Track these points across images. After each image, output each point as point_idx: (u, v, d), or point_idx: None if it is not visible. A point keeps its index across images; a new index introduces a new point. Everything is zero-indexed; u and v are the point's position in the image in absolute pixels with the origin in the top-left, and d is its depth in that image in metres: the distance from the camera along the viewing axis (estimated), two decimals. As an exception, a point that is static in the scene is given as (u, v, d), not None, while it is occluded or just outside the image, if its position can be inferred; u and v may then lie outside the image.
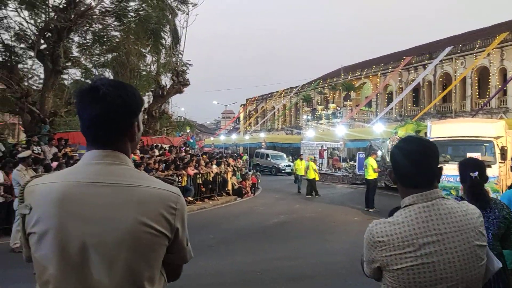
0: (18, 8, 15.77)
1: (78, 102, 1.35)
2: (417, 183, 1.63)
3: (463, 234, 1.57)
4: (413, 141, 1.71)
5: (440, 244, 1.54)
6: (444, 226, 1.56)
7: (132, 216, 1.27)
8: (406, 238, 1.55)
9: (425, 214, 1.58)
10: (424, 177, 1.64)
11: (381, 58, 48.32)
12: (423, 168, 1.64)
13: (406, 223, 1.58)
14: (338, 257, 7.81)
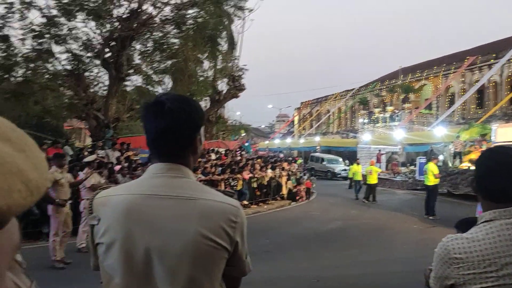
0: (85, 20, 16.69)
1: (143, 116, 1.40)
2: (501, 197, 1.53)
3: None
4: (502, 152, 1.60)
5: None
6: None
7: (193, 229, 1.30)
8: (488, 256, 1.46)
9: (509, 232, 1.48)
10: (509, 191, 1.53)
11: (442, 58, 46.33)
12: (509, 182, 1.54)
13: (487, 240, 1.48)
14: (398, 266, 7.56)
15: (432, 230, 11.07)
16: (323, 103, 59.20)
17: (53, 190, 7.42)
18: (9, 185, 0.35)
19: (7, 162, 0.36)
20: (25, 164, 0.38)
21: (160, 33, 18.57)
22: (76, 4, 16.14)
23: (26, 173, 0.37)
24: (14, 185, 0.35)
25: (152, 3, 17.26)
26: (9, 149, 0.37)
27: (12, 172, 0.35)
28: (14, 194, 0.35)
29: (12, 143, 0.38)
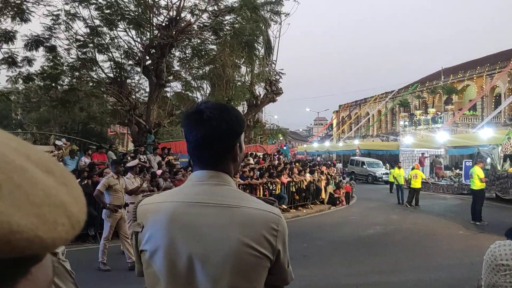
0: (126, 28, 17.23)
1: (184, 125, 1.42)
2: None
3: None
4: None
5: None
6: None
7: (235, 237, 1.30)
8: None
9: None
10: None
11: (486, 58, 44.61)
12: None
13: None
14: (442, 274, 7.32)
15: (479, 237, 10.65)
16: (362, 106, 58.26)
17: (108, 195, 7.68)
18: (54, 218, 0.35)
19: (52, 194, 0.36)
20: (68, 197, 0.38)
21: (198, 39, 18.90)
22: (118, 14, 16.70)
23: (69, 206, 0.38)
24: (59, 218, 0.36)
25: (190, 10, 17.62)
26: (52, 181, 0.38)
27: (56, 205, 0.36)
28: (58, 228, 0.35)
29: (55, 176, 0.39)
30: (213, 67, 20.74)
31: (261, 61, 21.72)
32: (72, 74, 18.82)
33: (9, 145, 0.37)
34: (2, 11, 15.80)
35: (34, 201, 0.35)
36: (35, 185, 0.36)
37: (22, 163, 0.36)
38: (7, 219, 0.32)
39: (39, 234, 0.34)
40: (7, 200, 0.33)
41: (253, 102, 22.52)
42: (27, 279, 0.38)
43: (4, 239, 0.31)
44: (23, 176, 0.35)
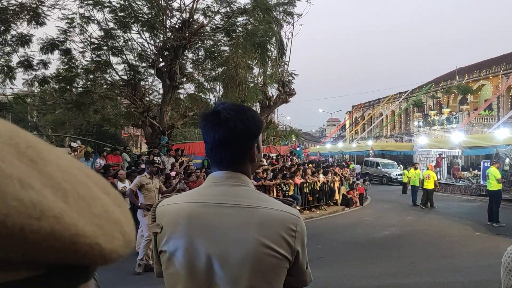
0: (140, 31, 17.35)
1: (202, 126, 1.42)
2: None
3: None
4: None
5: None
6: None
7: (253, 238, 1.30)
8: None
9: None
10: None
11: (502, 57, 43.95)
12: None
13: None
14: (459, 276, 7.21)
15: (496, 238, 10.48)
16: (376, 106, 57.88)
17: (140, 195, 7.84)
18: (112, 231, 0.37)
19: (110, 211, 0.39)
20: (122, 217, 0.40)
21: (211, 41, 18.96)
22: (131, 16, 16.84)
23: (123, 225, 0.40)
24: (116, 233, 0.38)
25: (203, 12, 17.68)
26: (109, 201, 0.40)
27: (113, 221, 0.38)
28: (115, 241, 0.37)
29: (111, 197, 0.41)
30: (225, 69, 20.78)
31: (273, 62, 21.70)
32: (86, 77, 19.02)
33: (73, 163, 0.40)
34: (18, 15, 16.05)
35: (95, 213, 0.37)
36: (96, 199, 0.38)
37: (84, 179, 0.39)
38: (74, 222, 0.34)
39: (99, 242, 0.35)
40: (74, 207, 0.35)
41: (266, 103, 22.48)
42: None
43: (70, 240, 0.33)
44: (86, 190, 0.38)
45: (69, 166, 0.39)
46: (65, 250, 0.33)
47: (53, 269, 0.34)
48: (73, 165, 0.40)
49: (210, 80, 21.43)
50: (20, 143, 0.35)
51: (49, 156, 0.37)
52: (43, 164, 0.35)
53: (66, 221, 0.33)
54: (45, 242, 0.31)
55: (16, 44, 16.95)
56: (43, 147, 0.38)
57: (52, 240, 0.32)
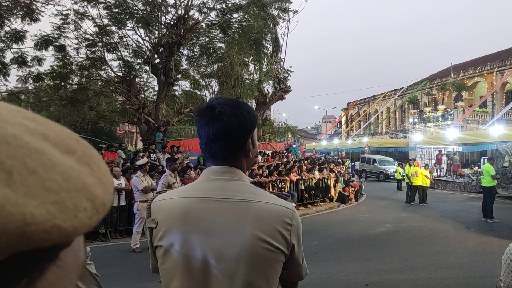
0: (135, 27, 17.27)
1: (197, 121, 1.42)
2: None
3: None
4: None
5: None
6: None
7: (249, 232, 1.30)
8: None
9: None
10: None
11: (497, 54, 44.12)
12: None
13: None
14: (453, 271, 7.25)
15: (490, 234, 10.55)
16: (371, 103, 58.00)
17: None
18: (74, 203, 0.33)
19: (72, 177, 0.34)
20: (90, 179, 0.36)
21: (206, 38, 18.90)
22: (126, 12, 16.75)
23: (91, 189, 0.35)
24: (80, 203, 0.34)
25: (198, 9, 17.61)
26: (73, 162, 0.36)
27: (77, 189, 0.34)
28: (80, 214, 0.33)
29: (76, 156, 0.36)
30: (221, 65, 20.75)
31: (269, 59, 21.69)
32: (81, 73, 18.91)
33: (25, 126, 0.35)
34: (12, 11, 15.92)
35: (50, 187, 0.32)
36: (52, 168, 0.33)
37: (37, 145, 0.34)
38: (20, 210, 0.30)
39: (57, 223, 0.32)
40: (20, 188, 0.31)
41: (261, 100, 22.48)
42: (56, 265, 0.36)
43: (18, 232, 0.30)
44: (38, 160, 0.33)
45: (18, 132, 0.34)
46: (15, 243, 0.30)
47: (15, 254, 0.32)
48: (24, 128, 0.35)
49: (205, 76, 21.37)
50: None
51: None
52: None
53: (9, 211, 0.29)
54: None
55: (9, 41, 16.81)
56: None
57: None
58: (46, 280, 0.35)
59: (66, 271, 0.38)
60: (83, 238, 0.42)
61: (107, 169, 0.40)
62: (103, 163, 0.39)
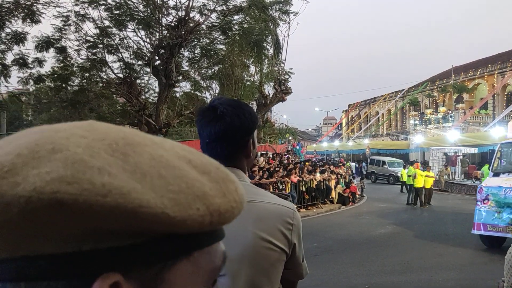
0: (135, 29, 17.28)
1: (198, 121, 1.43)
2: None
3: None
4: None
5: None
6: None
7: (251, 231, 1.30)
8: None
9: None
10: None
11: (497, 56, 44.14)
12: None
13: None
14: (454, 273, 7.24)
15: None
16: (372, 105, 58.01)
17: None
18: (188, 202, 0.41)
19: (194, 186, 0.42)
20: (213, 191, 0.43)
21: (207, 39, 18.90)
22: (127, 14, 16.77)
23: (210, 197, 0.43)
24: (194, 203, 0.41)
25: (198, 10, 17.61)
26: (204, 179, 0.44)
27: (196, 194, 0.42)
28: (191, 211, 0.41)
29: (210, 176, 0.45)
30: (222, 67, 20.72)
31: (270, 61, 21.69)
32: (82, 75, 18.91)
33: (177, 152, 0.45)
34: (13, 12, 15.94)
35: (172, 189, 0.41)
36: (179, 178, 0.42)
37: (177, 164, 0.43)
38: (140, 196, 0.38)
39: (167, 212, 0.39)
40: (147, 185, 0.40)
41: (262, 102, 22.44)
42: (189, 260, 0.43)
43: (133, 211, 0.38)
44: (170, 171, 0.42)
45: (166, 154, 0.44)
46: (131, 219, 0.38)
47: (152, 238, 0.41)
48: (175, 153, 0.45)
49: (206, 78, 21.35)
50: (119, 143, 0.42)
51: (144, 149, 0.43)
52: (133, 156, 0.41)
53: (132, 196, 0.38)
54: (112, 213, 0.37)
55: (10, 42, 16.83)
56: (141, 143, 0.44)
57: (118, 211, 0.37)
58: (179, 270, 0.43)
59: (199, 270, 0.45)
60: (222, 248, 0.51)
61: (238, 189, 0.48)
62: (234, 184, 0.47)
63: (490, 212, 8.59)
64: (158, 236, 0.41)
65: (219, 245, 0.50)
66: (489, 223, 8.61)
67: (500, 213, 8.41)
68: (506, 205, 8.35)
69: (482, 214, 8.78)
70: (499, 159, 9.63)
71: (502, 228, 8.36)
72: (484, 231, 8.76)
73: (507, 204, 8.39)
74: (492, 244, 8.79)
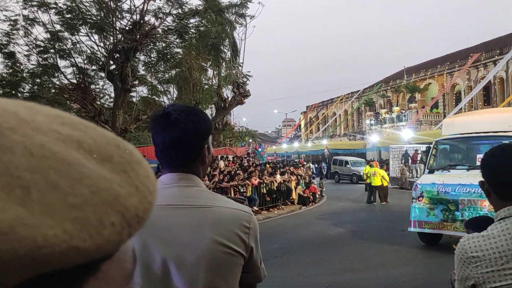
0: (89, 33, 16.83)
1: (151, 128, 1.42)
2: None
3: None
4: (508, 149, 1.56)
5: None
6: None
7: (208, 236, 1.31)
8: (505, 253, 1.43)
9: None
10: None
11: (446, 56, 46.22)
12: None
13: (503, 236, 1.45)
14: (411, 268, 7.49)
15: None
16: (329, 106, 59.14)
17: None
18: (99, 219, 0.30)
19: (101, 189, 0.31)
20: (125, 188, 0.33)
21: (163, 43, 18.68)
22: (79, 18, 16.31)
23: (123, 200, 0.32)
24: (107, 218, 0.31)
25: (154, 14, 17.39)
26: (107, 171, 0.33)
27: (106, 202, 0.31)
28: (105, 231, 0.30)
29: (112, 163, 0.33)
30: (179, 71, 20.56)
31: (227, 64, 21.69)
32: (33, 81, 18.24)
33: (59, 133, 0.33)
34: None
35: (74, 203, 0.29)
36: (79, 181, 0.30)
37: (67, 155, 0.31)
38: (31, 233, 0.27)
39: (75, 244, 0.29)
40: (36, 207, 0.28)
41: (221, 105, 22.40)
42: (96, 277, 0.34)
43: (29, 256, 0.27)
44: (63, 172, 0.30)
45: (48, 140, 0.31)
46: (28, 268, 0.27)
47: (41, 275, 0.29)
48: (57, 135, 0.32)
49: (163, 82, 21.11)
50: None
51: (13, 139, 0.30)
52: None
53: (19, 234, 0.27)
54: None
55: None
56: (3, 125, 0.30)
57: (3, 262, 0.26)
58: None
59: (109, 283, 0.36)
60: (130, 246, 0.41)
61: (149, 174, 0.37)
62: (144, 168, 0.36)
63: (424, 209, 8.67)
64: None
65: (127, 244, 0.37)
66: (423, 220, 8.68)
67: (433, 210, 8.51)
68: (439, 201, 8.46)
69: (417, 212, 8.87)
70: (434, 156, 9.75)
71: (436, 225, 8.48)
72: (419, 228, 8.85)
73: (440, 201, 8.47)
74: (429, 241, 8.94)
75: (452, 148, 10.03)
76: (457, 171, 8.79)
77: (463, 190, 8.13)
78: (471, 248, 1.50)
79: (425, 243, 9.04)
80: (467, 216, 7.67)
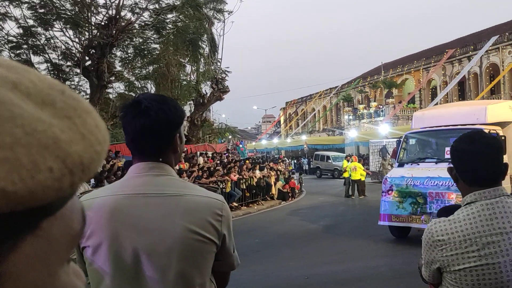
0: (63, 28, 16.52)
1: (122, 117, 1.40)
2: (480, 180, 1.53)
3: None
4: (476, 137, 1.61)
5: (506, 244, 1.44)
6: (510, 224, 1.47)
7: (180, 225, 1.30)
8: (468, 236, 1.46)
9: (489, 212, 1.48)
10: (488, 173, 1.53)
11: (422, 52, 46.96)
12: (487, 164, 1.54)
13: (468, 220, 1.49)
14: (388, 258, 7.63)
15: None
16: (308, 102, 59.47)
17: None
18: (33, 161, 0.28)
19: (37, 131, 0.28)
20: (67, 134, 0.30)
21: (140, 39, 18.48)
22: (53, 13, 15.98)
23: (64, 145, 0.30)
24: (43, 162, 0.28)
25: (130, 9, 17.17)
26: (47, 115, 0.30)
27: (42, 145, 0.28)
28: (40, 175, 0.28)
29: (54, 108, 0.31)
30: (157, 67, 20.38)
31: (206, 60, 21.60)
32: (5, 78, 17.84)
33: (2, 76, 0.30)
34: None
35: (2, 142, 0.27)
36: (10, 120, 0.28)
37: (7, 96, 0.29)
38: None
39: (0, 186, 0.27)
40: None
41: (200, 101, 22.31)
42: (35, 235, 0.31)
43: None
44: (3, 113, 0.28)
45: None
46: None
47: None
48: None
49: (140, 78, 20.90)
50: None
51: None
52: None
53: None
54: None
55: None
56: None
57: None
58: (22, 253, 0.30)
59: (51, 244, 0.33)
60: (79, 204, 0.38)
61: (99, 124, 0.34)
62: (93, 117, 0.34)
63: (394, 203, 8.75)
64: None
65: (74, 201, 0.36)
66: (393, 214, 8.76)
67: (402, 203, 8.59)
68: (408, 195, 8.54)
69: (387, 205, 8.95)
70: (404, 150, 9.83)
71: (405, 218, 8.56)
72: (388, 221, 8.91)
73: (409, 194, 8.52)
74: (399, 234, 9.02)
75: (422, 141, 10.06)
76: (426, 164, 8.85)
77: (431, 183, 8.23)
78: (437, 232, 1.53)
79: (395, 236, 9.08)
80: (435, 209, 7.77)
